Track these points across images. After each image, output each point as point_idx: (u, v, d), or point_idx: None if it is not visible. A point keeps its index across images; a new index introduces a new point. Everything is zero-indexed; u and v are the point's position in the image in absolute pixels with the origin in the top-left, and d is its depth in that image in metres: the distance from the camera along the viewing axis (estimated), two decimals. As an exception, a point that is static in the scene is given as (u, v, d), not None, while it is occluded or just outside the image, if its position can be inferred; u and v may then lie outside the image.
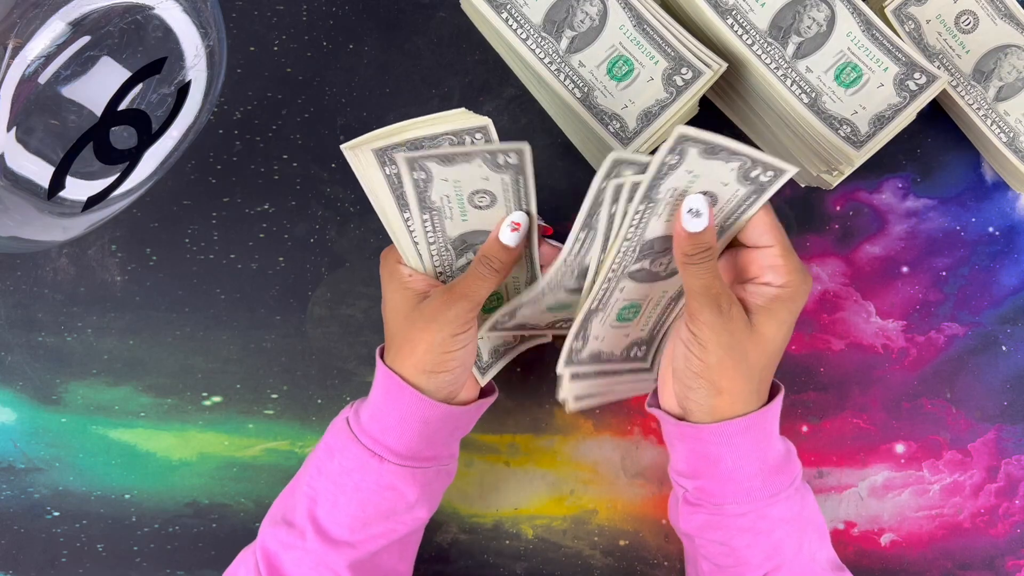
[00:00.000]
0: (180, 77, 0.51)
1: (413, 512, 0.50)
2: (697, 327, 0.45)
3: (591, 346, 0.51)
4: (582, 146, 0.61)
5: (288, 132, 0.62)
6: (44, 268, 0.61)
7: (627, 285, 0.49)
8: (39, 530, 0.61)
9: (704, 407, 0.46)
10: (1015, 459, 0.62)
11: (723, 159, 0.44)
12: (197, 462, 0.61)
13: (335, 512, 0.48)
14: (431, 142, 0.46)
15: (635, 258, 0.48)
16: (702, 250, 0.45)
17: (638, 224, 0.45)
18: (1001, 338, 0.62)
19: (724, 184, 0.46)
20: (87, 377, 0.61)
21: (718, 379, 0.45)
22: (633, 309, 0.51)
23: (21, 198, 0.47)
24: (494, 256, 0.47)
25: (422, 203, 0.47)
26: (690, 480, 0.48)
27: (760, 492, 0.46)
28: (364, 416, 0.49)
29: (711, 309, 0.45)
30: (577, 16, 0.54)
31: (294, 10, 0.63)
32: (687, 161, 0.44)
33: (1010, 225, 0.63)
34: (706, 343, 0.45)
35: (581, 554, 0.61)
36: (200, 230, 0.62)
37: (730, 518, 0.47)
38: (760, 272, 0.47)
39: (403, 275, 0.49)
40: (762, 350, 0.46)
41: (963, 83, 0.58)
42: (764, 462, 0.47)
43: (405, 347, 0.48)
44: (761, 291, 0.46)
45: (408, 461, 0.48)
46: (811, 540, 0.49)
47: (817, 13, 0.53)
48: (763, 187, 0.46)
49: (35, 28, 0.43)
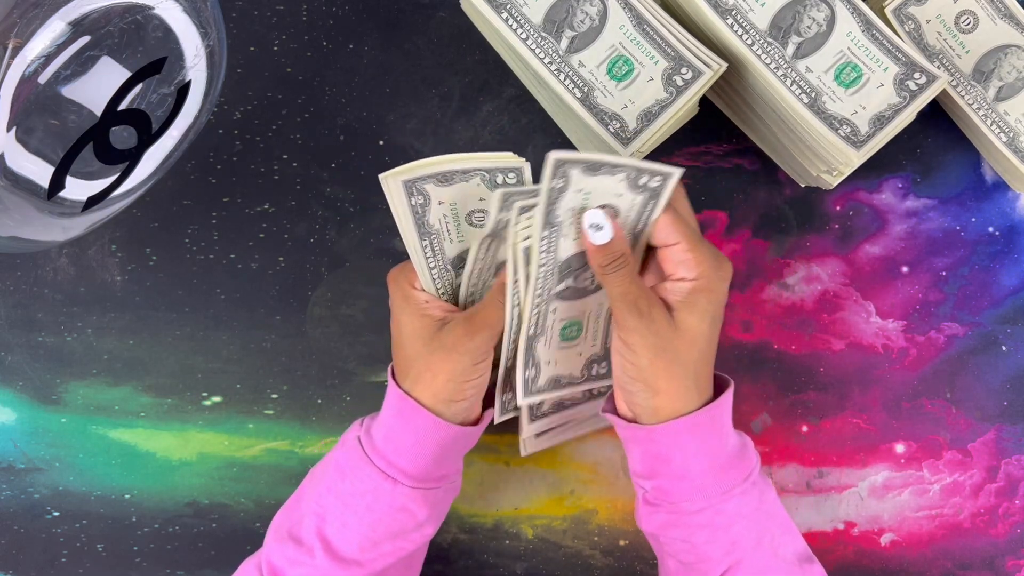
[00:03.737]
0: (180, 77, 0.51)
1: (422, 530, 0.50)
2: (624, 333, 0.46)
3: (546, 372, 0.51)
4: (582, 146, 0.61)
5: (288, 132, 0.62)
6: (44, 268, 0.61)
7: (558, 306, 0.49)
8: (39, 530, 0.61)
9: (647, 409, 0.47)
10: (1015, 459, 0.62)
11: (607, 173, 0.45)
12: (197, 462, 0.61)
13: (345, 531, 0.48)
14: (462, 178, 0.46)
15: (557, 280, 0.48)
16: (615, 259, 0.46)
17: (547, 249, 0.46)
18: (1001, 338, 0.62)
19: (619, 195, 0.46)
20: (87, 377, 0.61)
21: (653, 380, 0.46)
22: (575, 327, 0.51)
23: (21, 198, 0.47)
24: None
25: (420, 228, 0.47)
26: (647, 480, 0.49)
27: (713, 489, 0.47)
28: (377, 437, 0.49)
29: (632, 314, 0.45)
30: (577, 16, 0.54)
31: (294, 10, 0.63)
32: (573, 182, 0.44)
33: (1010, 225, 0.63)
34: (634, 347, 0.46)
35: (581, 554, 0.61)
36: (200, 230, 0.62)
37: (687, 515, 0.47)
38: (674, 269, 0.47)
39: (420, 301, 0.49)
40: (690, 344, 0.46)
41: (963, 83, 0.58)
42: (714, 459, 0.47)
43: (425, 375, 0.47)
44: (677, 287, 0.47)
45: (421, 483, 0.48)
46: (773, 534, 0.49)
47: (817, 13, 0.53)
48: (657, 192, 0.46)
49: (35, 28, 0.43)
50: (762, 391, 0.62)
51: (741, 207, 0.62)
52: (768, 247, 0.62)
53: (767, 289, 0.62)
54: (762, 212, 0.62)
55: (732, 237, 0.62)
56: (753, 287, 0.62)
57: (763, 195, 0.62)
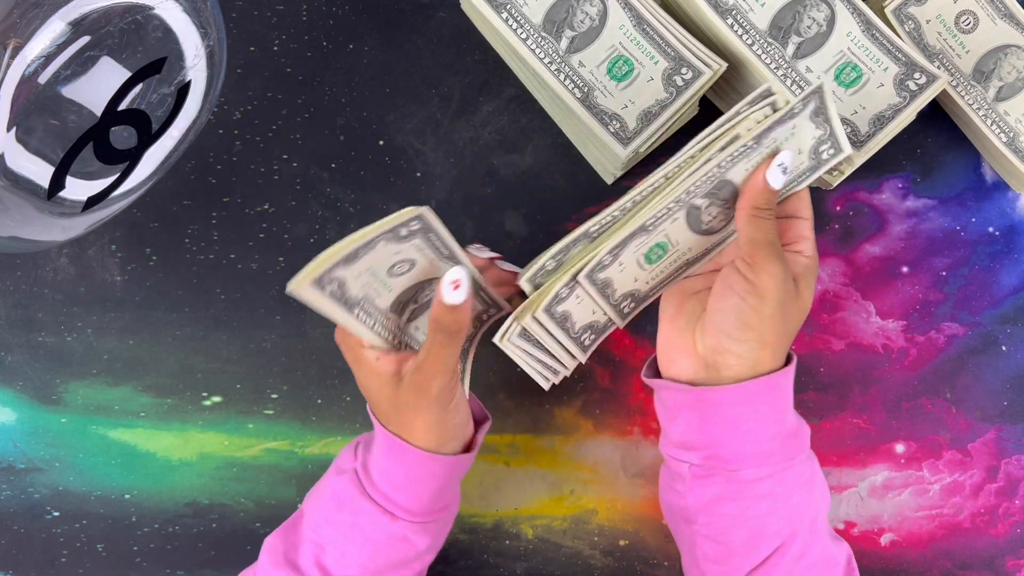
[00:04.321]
0: (180, 77, 0.51)
1: (422, 559, 0.50)
2: (759, 277, 0.45)
3: (610, 272, 0.47)
4: (582, 146, 0.61)
5: (288, 132, 0.62)
6: (44, 268, 0.61)
7: (679, 218, 0.47)
8: (39, 530, 0.61)
9: (747, 361, 0.45)
10: (1015, 459, 0.62)
11: (817, 125, 0.45)
12: (197, 462, 0.61)
13: (343, 561, 0.48)
14: (367, 249, 0.42)
15: (707, 190, 0.46)
16: (771, 207, 0.46)
17: (735, 156, 0.44)
18: (1001, 338, 0.62)
19: (800, 152, 0.47)
20: (87, 377, 0.61)
21: (767, 331, 0.45)
22: (660, 252, 0.49)
23: (21, 198, 0.47)
24: (446, 320, 0.42)
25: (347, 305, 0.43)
26: (699, 451, 0.47)
27: (779, 455, 0.46)
28: (373, 472, 0.48)
29: (778, 261, 0.45)
30: (577, 16, 0.54)
31: (294, 10, 0.63)
32: (800, 116, 0.44)
33: (1010, 225, 0.63)
34: (765, 294, 0.45)
35: (581, 554, 0.61)
36: (200, 230, 0.62)
37: (746, 484, 0.46)
38: (795, 240, 0.48)
39: (370, 360, 0.46)
40: (801, 312, 0.47)
41: (963, 83, 0.58)
42: (782, 424, 0.46)
43: (404, 429, 0.47)
44: (796, 259, 0.48)
45: (421, 517, 0.48)
46: (821, 507, 0.48)
47: (817, 13, 0.53)
48: (819, 165, 0.48)
49: (35, 28, 0.43)
50: (762, 391, 0.62)
51: (741, 207, 0.62)
52: (768, 247, 0.62)
53: (767, 289, 0.62)
54: (762, 212, 0.62)
55: (732, 237, 0.62)
56: (753, 287, 0.62)
57: (763, 195, 0.62)
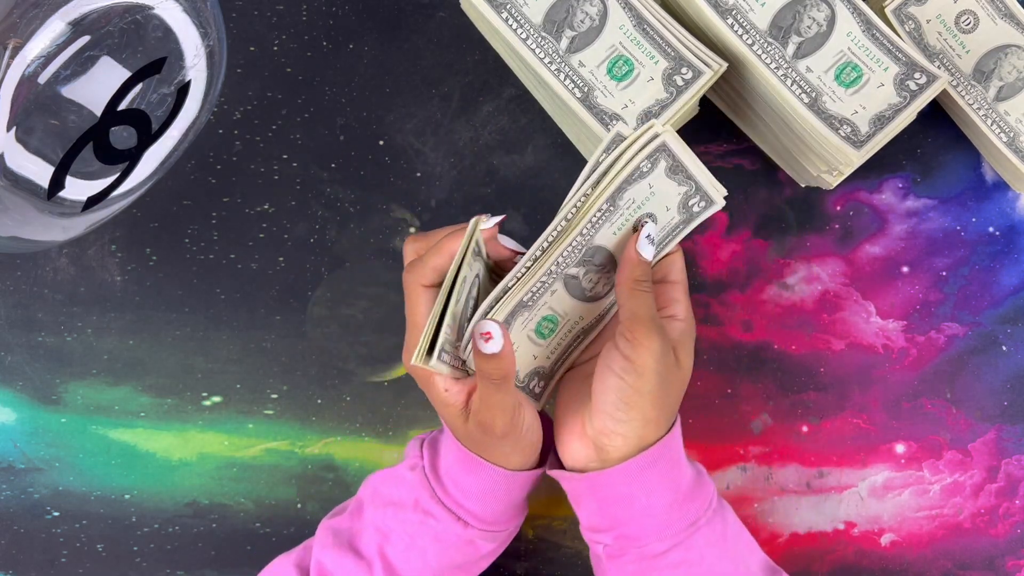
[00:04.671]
0: (180, 77, 0.51)
1: (486, 559, 0.50)
2: (638, 353, 0.44)
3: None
4: (582, 146, 0.61)
5: (288, 132, 0.62)
6: (44, 268, 0.61)
7: (559, 290, 0.47)
8: (39, 530, 0.61)
9: (631, 440, 0.45)
10: (1015, 459, 0.62)
11: (678, 181, 0.45)
12: (197, 462, 0.61)
13: (408, 555, 0.48)
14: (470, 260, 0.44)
15: (577, 260, 0.47)
16: (647, 279, 0.45)
17: (595, 223, 0.45)
18: (1001, 338, 0.62)
19: (667, 209, 0.46)
20: (87, 377, 0.61)
21: (648, 407, 0.44)
22: (551, 325, 0.49)
23: (21, 198, 0.47)
24: (487, 369, 0.43)
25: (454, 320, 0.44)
26: (607, 533, 0.47)
27: (679, 523, 0.46)
28: (445, 479, 0.48)
29: (657, 336, 0.44)
30: (577, 16, 0.54)
31: (294, 10, 0.63)
32: (653, 174, 0.44)
33: (1010, 225, 0.63)
34: (644, 371, 0.44)
35: (581, 554, 0.61)
36: (200, 230, 0.62)
37: (657, 558, 0.46)
38: (667, 304, 0.47)
39: (440, 392, 0.46)
40: (680, 381, 0.46)
41: (963, 83, 0.58)
42: (676, 491, 0.46)
43: (482, 456, 0.47)
44: (672, 325, 0.47)
45: (492, 526, 0.48)
46: (743, 556, 0.48)
47: (817, 13, 0.53)
48: (692, 218, 0.47)
49: (35, 28, 0.43)
50: (762, 391, 0.62)
51: (741, 207, 0.62)
52: (768, 247, 0.62)
53: (767, 289, 0.62)
54: (762, 212, 0.62)
55: (732, 237, 0.62)
56: (753, 287, 0.62)
57: (763, 195, 0.62)
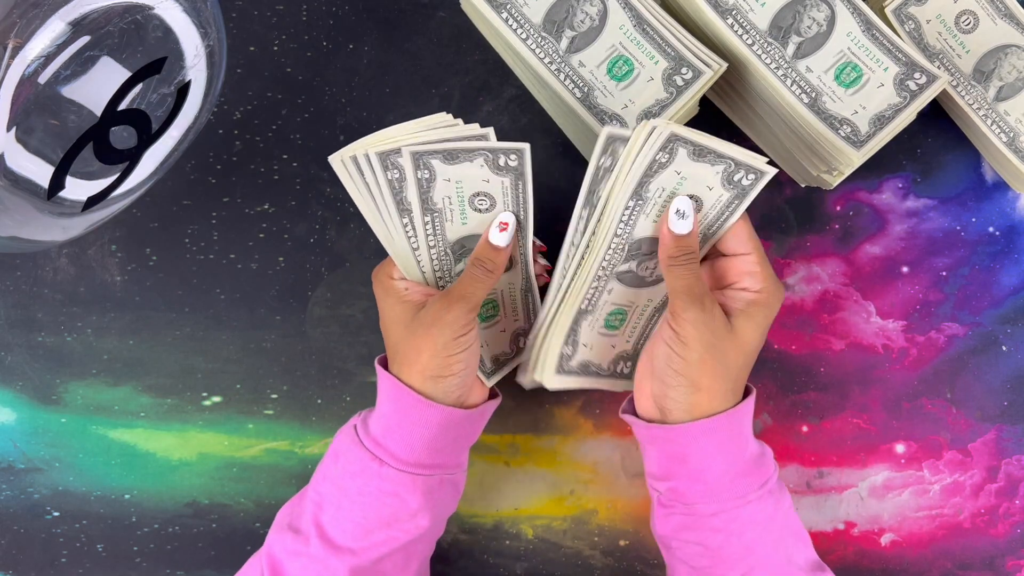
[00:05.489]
0: (180, 77, 0.50)
1: (415, 520, 0.49)
2: (680, 325, 0.47)
3: (580, 354, 0.51)
4: (582, 146, 0.61)
5: (288, 132, 0.62)
6: (44, 268, 0.61)
7: (615, 287, 0.49)
8: (39, 530, 0.61)
9: (683, 405, 0.47)
10: (1015, 459, 0.62)
11: (710, 162, 0.46)
12: (197, 462, 0.61)
13: (339, 517, 0.48)
14: (466, 157, 0.47)
15: (623, 257, 0.48)
16: (685, 252, 0.47)
17: (627, 220, 0.46)
18: (1001, 338, 0.62)
19: (709, 188, 0.47)
20: (87, 377, 0.61)
21: (698, 377, 0.47)
22: (620, 316, 0.51)
23: (21, 198, 0.47)
24: (486, 257, 0.49)
25: (424, 204, 0.47)
26: (663, 482, 0.49)
27: (728, 493, 0.47)
28: (371, 422, 0.50)
29: (695, 307, 0.46)
30: (577, 16, 0.54)
31: (294, 10, 0.63)
32: (676, 161, 0.44)
33: (1010, 225, 0.63)
34: (688, 340, 0.46)
35: (581, 554, 0.61)
36: (200, 230, 0.62)
37: (702, 518, 0.48)
38: (738, 278, 0.49)
39: (399, 289, 0.50)
40: (740, 350, 0.48)
41: (963, 83, 0.58)
42: (732, 463, 0.48)
43: (410, 354, 0.48)
44: (740, 296, 0.49)
45: (411, 467, 0.48)
46: (787, 542, 0.49)
47: (817, 13, 0.53)
48: (745, 191, 0.48)
49: (35, 28, 0.43)
50: (762, 391, 0.62)
51: (741, 207, 0.62)
52: (768, 247, 0.62)
53: (767, 289, 0.62)
54: (762, 212, 0.62)
55: (732, 237, 0.62)
56: (753, 287, 0.62)
57: (763, 195, 0.62)
